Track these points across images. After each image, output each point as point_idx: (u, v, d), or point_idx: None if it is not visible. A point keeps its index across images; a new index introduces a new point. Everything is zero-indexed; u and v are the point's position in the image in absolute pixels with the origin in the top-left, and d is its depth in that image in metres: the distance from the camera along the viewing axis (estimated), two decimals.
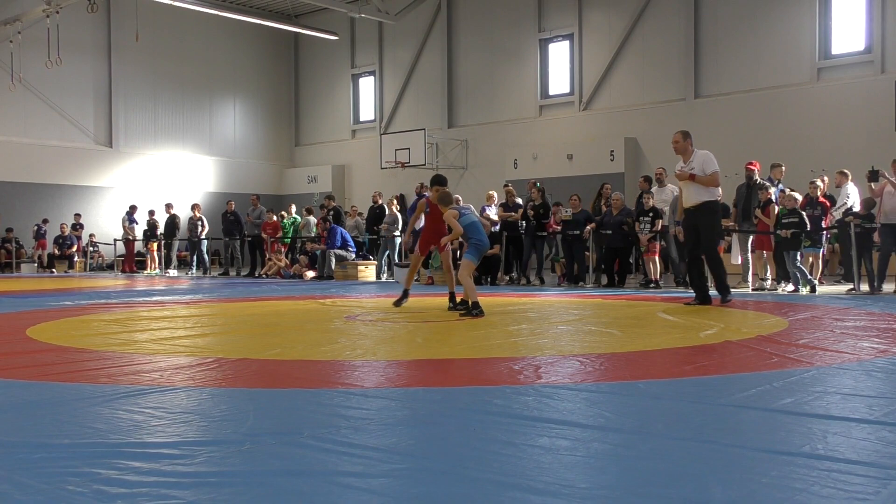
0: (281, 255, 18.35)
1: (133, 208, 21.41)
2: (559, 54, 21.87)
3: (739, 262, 11.96)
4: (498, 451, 2.80)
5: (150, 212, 21.27)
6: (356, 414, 3.45)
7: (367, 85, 26.50)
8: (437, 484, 2.44)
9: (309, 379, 4.47)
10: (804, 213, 11.05)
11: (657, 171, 13.53)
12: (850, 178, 12.54)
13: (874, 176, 11.30)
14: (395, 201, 17.42)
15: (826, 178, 12.88)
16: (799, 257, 10.97)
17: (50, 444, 2.93)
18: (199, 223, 19.66)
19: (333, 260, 16.48)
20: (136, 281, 16.87)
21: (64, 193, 23.46)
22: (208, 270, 19.91)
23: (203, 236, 19.76)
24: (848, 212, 11.52)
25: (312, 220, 18.56)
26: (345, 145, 27.05)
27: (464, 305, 8.17)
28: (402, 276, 15.13)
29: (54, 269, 21.64)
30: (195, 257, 20.15)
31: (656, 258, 12.49)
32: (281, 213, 19.26)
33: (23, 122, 22.72)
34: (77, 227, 22.56)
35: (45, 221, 22.22)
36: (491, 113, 23.01)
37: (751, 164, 12.03)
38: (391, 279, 16.00)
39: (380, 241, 17.15)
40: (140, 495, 2.33)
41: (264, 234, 18.53)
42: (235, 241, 19.31)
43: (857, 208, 11.61)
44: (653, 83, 19.92)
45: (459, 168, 23.30)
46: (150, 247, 21.12)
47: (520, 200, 14.49)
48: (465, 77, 23.71)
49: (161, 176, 25.29)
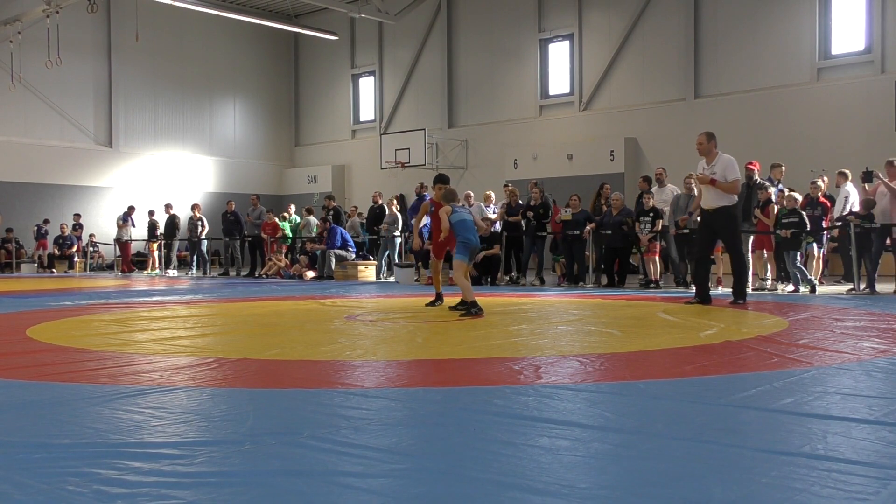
0: (281, 255, 18.35)
1: (131, 209, 21.29)
2: (559, 54, 21.87)
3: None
4: (498, 451, 2.80)
5: (150, 212, 21.26)
6: (356, 414, 3.45)
7: (367, 85, 26.50)
8: (437, 484, 2.44)
9: (309, 379, 4.47)
10: (804, 213, 11.05)
11: (657, 172, 13.52)
12: (849, 178, 12.54)
13: (868, 177, 11.31)
14: (395, 201, 17.42)
15: (826, 179, 12.87)
16: (799, 257, 10.97)
17: (50, 444, 2.93)
18: (199, 223, 19.65)
19: (333, 260, 16.48)
20: (136, 281, 16.87)
21: (64, 193, 23.47)
22: (208, 271, 19.91)
23: (203, 236, 19.76)
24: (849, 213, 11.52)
25: (313, 220, 18.56)
26: (345, 145, 27.05)
27: (463, 305, 8.18)
28: (403, 276, 15.21)
29: (54, 270, 21.64)
30: (195, 257, 20.15)
31: (656, 258, 12.49)
32: (282, 215, 19.23)
33: (23, 122, 22.73)
34: (77, 227, 22.56)
35: (46, 221, 22.22)
36: (491, 113, 23.02)
37: (751, 163, 12.03)
38: (391, 279, 16.00)
39: (380, 241, 17.15)
40: (140, 495, 2.33)
41: (264, 234, 18.53)
42: (235, 242, 19.32)
43: (855, 208, 11.61)
44: (653, 83, 19.93)
45: (459, 168, 23.30)
46: (150, 247, 21.11)
47: (522, 202, 14.47)
48: (465, 77, 23.72)
49: (161, 176, 25.29)
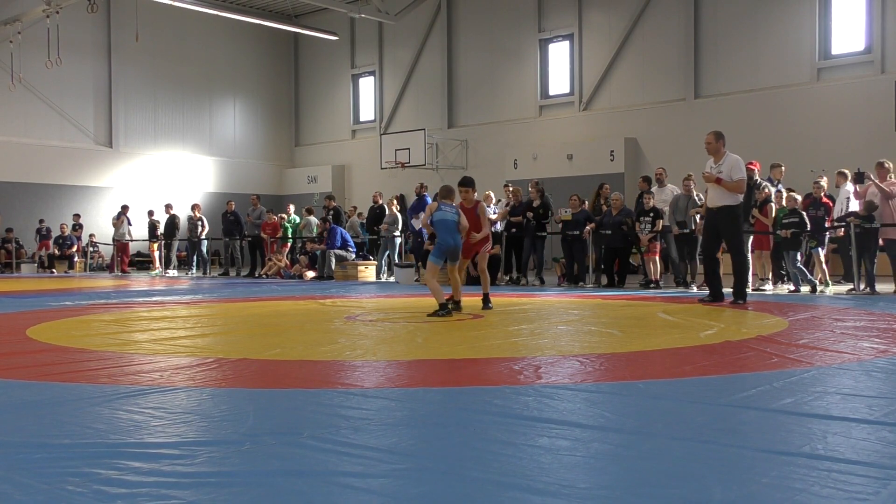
0: (282, 255, 18.34)
1: (125, 208, 21.10)
2: (559, 54, 21.87)
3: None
4: (498, 451, 2.80)
5: (150, 212, 21.25)
6: (356, 414, 3.45)
7: (367, 85, 26.50)
8: (437, 484, 2.44)
9: (309, 379, 4.47)
10: (804, 214, 11.05)
11: (657, 172, 13.52)
12: (849, 178, 12.53)
13: (860, 178, 11.30)
14: (395, 201, 17.42)
15: (826, 179, 12.86)
16: (799, 257, 10.98)
17: (50, 444, 2.93)
18: (199, 223, 19.66)
19: (333, 260, 16.48)
20: (136, 281, 16.87)
21: (64, 193, 23.47)
22: (208, 271, 19.91)
23: (203, 236, 19.76)
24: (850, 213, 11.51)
25: (313, 220, 18.56)
26: (345, 145, 27.06)
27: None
28: (403, 276, 15.21)
29: (54, 270, 21.64)
30: (195, 257, 20.15)
31: (656, 258, 12.49)
32: (281, 216, 19.19)
33: (23, 122, 22.73)
34: (77, 227, 22.56)
35: (41, 221, 22.19)
36: (491, 113, 23.02)
37: (751, 163, 12.02)
38: (391, 279, 16.00)
39: (380, 242, 17.15)
40: (140, 495, 2.33)
41: (264, 234, 18.53)
42: (236, 242, 19.31)
43: (854, 207, 11.61)
44: (653, 83, 19.93)
45: (459, 168, 23.27)
46: (150, 247, 21.10)
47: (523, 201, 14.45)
48: (465, 77, 23.72)
49: (161, 176, 25.30)
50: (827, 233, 11.32)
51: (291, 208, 19.78)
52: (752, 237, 11.70)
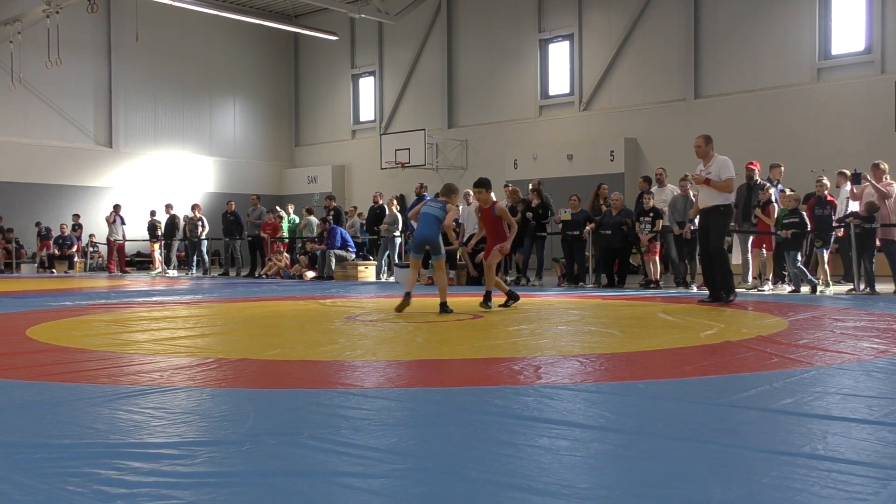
0: (282, 255, 18.33)
1: (117, 207, 20.88)
2: (559, 54, 21.87)
3: (740, 262, 11.98)
4: (498, 451, 2.79)
5: (152, 212, 21.23)
6: (356, 414, 3.45)
7: (367, 85, 26.50)
8: (437, 484, 2.44)
9: (309, 379, 4.47)
10: (804, 214, 11.05)
11: (657, 172, 13.52)
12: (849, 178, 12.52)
13: (857, 178, 11.29)
14: (395, 201, 17.42)
15: (826, 179, 12.84)
16: (799, 257, 10.97)
17: (50, 444, 2.93)
18: (200, 223, 19.65)
19: (333, 260, 16.47)
20: (136, 281, 16.87)
21: (64, 193, 23.46)
22: (208, 271, 19.91)
23: (203, 236, 19.76)
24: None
25: (314, 220, 18.55)
26: (345, 145, 27.05)
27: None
28: (403, 276, 15.19)
29: (54, 270, 21.64)
30: (195, 257, 20.15)
31: (656, 258, 12.49)
32: (279, 214, 19.10)
33: (23, 122, 22.73)
34: (76, 227, 22.55)
35: (38, 224, 22.15)
36: (491, 113, 23.01)
37: (751, 164, 12.04)
38: (391, 279, 16.00)
39: (380, 242, 17.15)
40: (140, 495, 2.33)
41: (264, 234, 18.52)
42: (236, 242, 19.30)
43: (854, 208, 11.60)
44: (653, 83, 19.92)
45: (459, 168, 23.29)
46: (151, 247, 21.11)
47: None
48: (465, 77, 23.71)
49: (161, 176, 25.29)
50: (833, 232, 11.26)
51: (291, 208, 19.76)
52: (751, 237, 11.71)
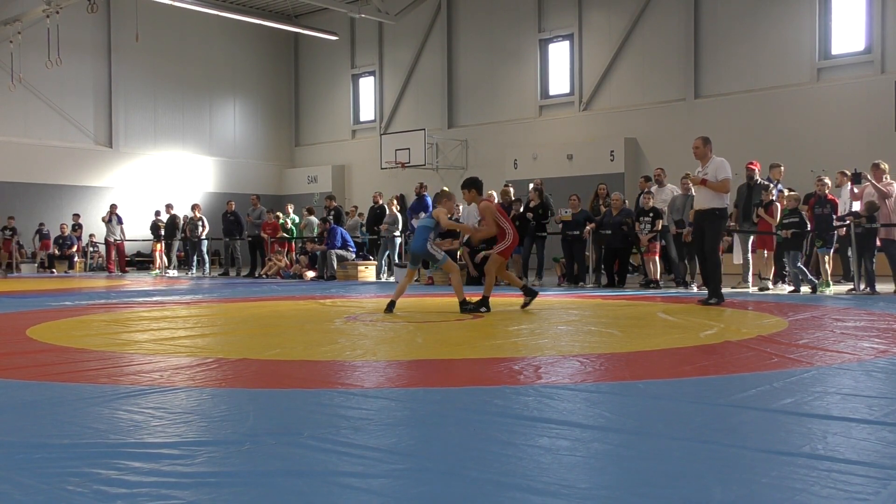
0: (282, 255, 18.32)
1: (113, 207, 20.79)
2: (559, 54, 21.87)
3: (740, 262, 11.98)
4: (498, 451, 2.79)
5: (157, 212, 21.23)
6: (356, 414, 3.45)
7: (367, 85, 26.50)
8: (437, 484, 2.44)
9: (309, 379, 4.47)
10: (804, 213, 11.04)
11: (656, 172, 13.50)
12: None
13: (857, 178, 11.27)
14: (395, 201, 17.41)
15: (828, 179, 12.83)
16: (800, 257, 10.97)
17: (50, 444, 2.93)
18: (200, 223, 19.65)
19: (335, 260, 16.45)
20: (137, 281, 16.87)
21: (64, 193, 23.46)
22: (208, 271, 19.90)
23: (203, 236, 19.75)
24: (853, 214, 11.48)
25: (314, 220, 18.54)
26: (345, 145, 27.05)
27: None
28: (403, 276, 15.17)
29: (54, 270, 21.64)
30: (195, 257, 20.15)
31: (656, 258, 12.49)
32: (276, 214, 19.08)
33: (23, 122, 22.72)
34: (76, 227, 22.55)
35: (41, 225, 22.13)
36: (491, 113, 23.01)
37: (751, 163, 12.04)
38: (391, 279, 15.99)
39: (380, 242, 17.14)
40: (140, 495, 2.33)
41: (264, 234, 18.52)
42: (236, 242, 19.29)
43: (854, 207, 11.59)
44: (653, 83, 19.92)
45: (459, 168, 23.29)
46: (154, 247, 21.11)
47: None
48: (465, 77, 23.71)
49: (161, 176, 25.29)
50: (835, 232, 11.21)
51: (290, 208, 19.75)
52: (751, 237, 11.70)
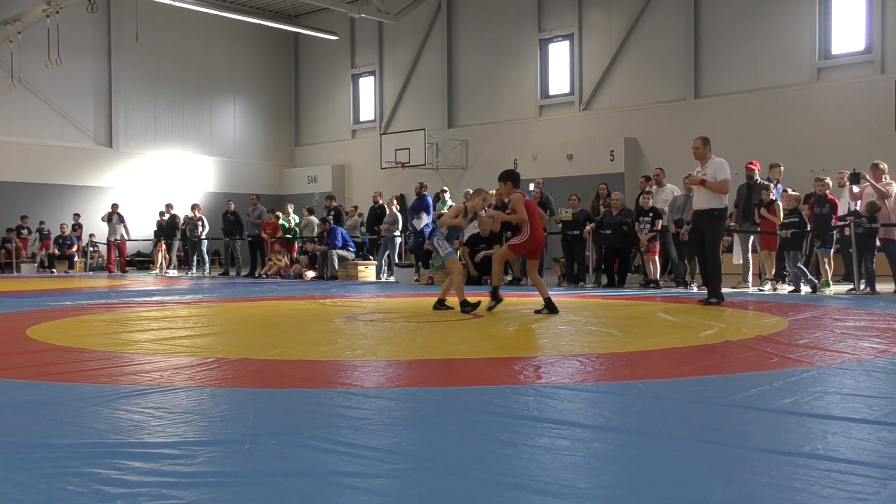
0: (282, 255, 18.31)
1: (114, 206, 20.78)
2: (559, 54, 21.87)
3: (740, 262, 11.98)
4: (498, 451, 2.79)
5: (161, 213, 21.22)
6: (356, 414, 3.45)
7: (367, 85, 26.51)
8: (437, 484, 2.44)
9: (309, 379, 4.46)
10: (804, 213, 11.04)
11: (655, 172, 13.49)
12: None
13: (856, 178, 11.26)
14: (395, 201, 17.41)
15: (829, 179, 12.82)
16: (800, 257, 10.97)
17: (50, 444, 2.93)
18: (200, 223, 19.65)
19: (336, 260, 16.44)
20: (137, 281, 16.87)
21: (64, 193, 23.46)
22: (208, 271, 19.89)
23: (203, 236, 19.75)
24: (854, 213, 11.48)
25: (314, 220, 18.54)
26: (345, 145, 27.06)
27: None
28: (403, 276, 15.21)
29: (54, 270, 21.63)
30: (195, 257, 20.14)
31: (656, 258, 12.49)
32: (277, 214, 19.06)
33: (23, 122, 22.72)
34: (77, 227, 22.54)
35: (41, 223, 22.12)
36: (491, 113, 23.01)
37: (751, 163, 12.04)
38: (391, 279, 16.00)
39: (380, 241, 17.14)
40: (140, 495, 2.33)
41: (264, 234, 18.51)
42: (236, 242, 19.28)
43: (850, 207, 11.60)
44: (653, 83, 19.92)
45: (459, 168, 23.30)
46: (158, 247, 21.13)
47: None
48: (465, 77, 23.71)
49: (161, 176, 25.29)
50: (834, 232, 11.20)
51: (290, 208, 19.73)
52: (752, 237, 11.70)
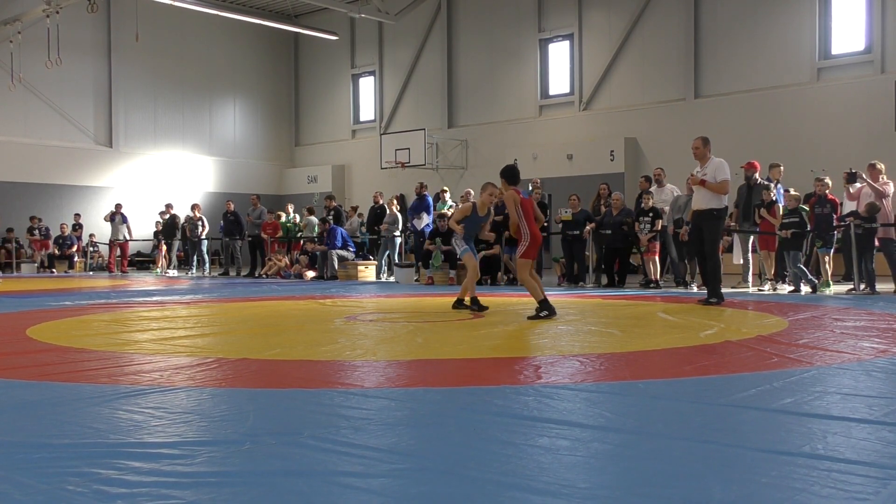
0: (282, 255, 18.31)
1: (118, 206, 20.81)
2: (559, 54, 21.87)
3: (740, 262, 11.98)
4: (498, 451, 2.80)
5: (161, 212, 21.21)
6: (356, 414, 3.45)
7: (367, 85, 26.50)
8: (437, 484, 2.44)
9: (309, 379, 4.47)
10: (804, 213, 11.04)
11: (655, 172, 13.49)
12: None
13: (852, 178, 11.25)
14: (395, 201, 17.41)
15: (829, 178, 12.82)
16: (800, 257, 10.97)
17: (50, 444, 2.93)
18: (200, 223, 19.65)
19: (336, 260, 16.44)
20: (137, 281, 16.87)
21: (64, 193, 23.46)
22: (208, 271, 19.89)
23: (203, 236, 19.75)
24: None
25: (314, 219, 18.54)
26: (345, 145, 27.05)
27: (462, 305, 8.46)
28: (403, 276, 15.21)
29: (54, 270, 21.63)
30: (195, 257, 20.14)
31: (656, 258, 12.49)
32: (278, 214, 19.09)
33: (23, 122, 22.72)
34: (77, 227, 22.54)
35: (40, 220, 22.09)
36: (491, 113, 23.01)
37: (751, 163, 12.03)
38: (391, 279, 16.00)
39: (380, 241, 17.14)
40: (140, 495, 2.33)
41: (264, 235, 18.51)
42: (236, 242, 19.28)
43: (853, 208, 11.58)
44: (653, 83, 19.92)
45: (459, 168, 23.30)
46: (159, 247, 21.13)
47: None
48: (465, 77, 23.71)
49: (161, 176, 25.28)
50: (835, 232, 11.18)
51: (290, 208, 19.74)
52: (752, 237, 11.70)
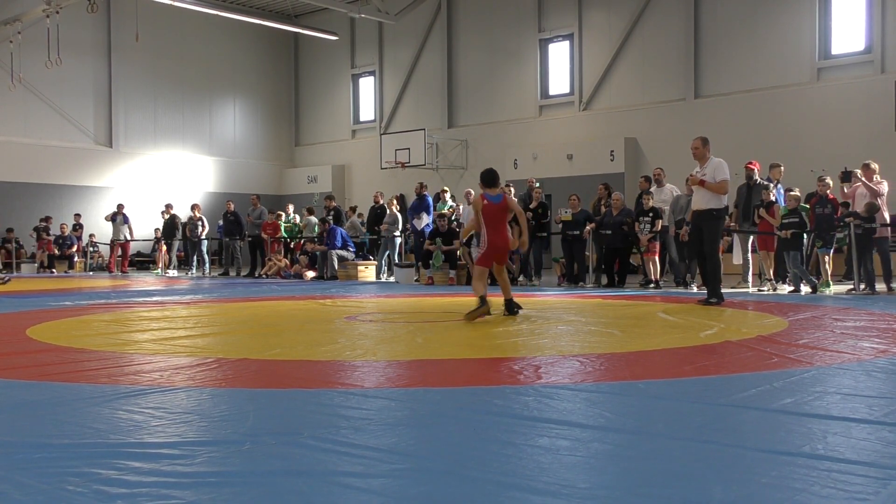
0: (282, 255, 18.31)
1: (120, 207, 20.84)
2: (559, 54, 21.87)
3: (740, 262, 11.98)
4: (498, 451, 2.80)
5: (161, 212, 21.20)
6: (356, 414, 3.45)
7: (367, 85, 26.50)
8: (437, 484, 2.44)
9: (309, 379, 4.47)
10: (804, 213, 11.04)
11: (655, 172, 13.48)
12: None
13: (847, 177, 11.23)
14: (395, 201, 17.41)
15: (830, 178, 12.82)
16: (800, 257, 10.97)
17: (50, 444, 2.93)
18: (199, 223, 19.64)
19: (336, 260, 16.44)
20: (137, 281, 16.87)
21: (64, 193, 23.46)
22: (208, 271, 19.89)
23: (203, 236, 19.75)
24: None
25: (314, 220, 18.54)
26: (345, 145, 27.05)
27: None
28: (403, 276, 15.21)
29: (54, 270, 21.63)
30: (195, 257, 20.14)
31: (656, 258, 12.49)
32: (278, 214, 19.09)
33: (23, 122, 22.72)
34: (77, 227, 22.54)
35: (48, 219, 22.12)
36: (491, 113, 23.01)
37: (750, 163, 12.04)
38: (391, 279, 16.00)
39: (380, 241, 17.14)
40: (140, 495, 2.33)
41: (264, 235, 18.51)
42: (236, 242, 19.28)
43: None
44: (653, 83, 19.92)
45: (459, 168, 23.29)
46: (160, 247, 21.12)
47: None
48: (465, 77, 23.71)
49: (161, 176, 25.29)
50: (835, 232, 11.16)
51: (290, 208, 19.74)
52: (751, 237, 11.70)
